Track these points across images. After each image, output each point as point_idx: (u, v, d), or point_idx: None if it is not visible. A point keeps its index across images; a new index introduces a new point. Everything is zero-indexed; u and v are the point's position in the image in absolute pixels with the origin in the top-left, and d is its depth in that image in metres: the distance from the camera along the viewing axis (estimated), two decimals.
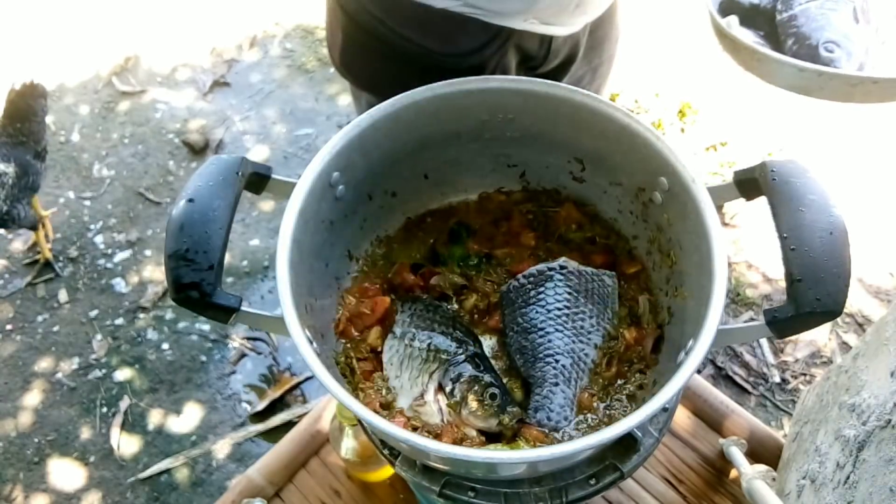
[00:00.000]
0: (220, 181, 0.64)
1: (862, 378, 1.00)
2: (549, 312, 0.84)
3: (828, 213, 0.66)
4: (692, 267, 0.78)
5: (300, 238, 0.74)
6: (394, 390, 0.80)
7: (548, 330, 0.83)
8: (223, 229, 0.61)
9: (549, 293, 0.85)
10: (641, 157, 0.81)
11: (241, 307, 0.66)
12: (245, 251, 2.39)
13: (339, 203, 0.83)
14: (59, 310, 2.31)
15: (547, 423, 0.80)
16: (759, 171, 0.71)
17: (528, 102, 0.84)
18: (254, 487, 1.21)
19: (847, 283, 0.63)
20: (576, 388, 0.82)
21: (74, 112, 2.86)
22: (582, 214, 0.96)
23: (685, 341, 0.73)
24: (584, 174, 0.93)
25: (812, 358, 2.07)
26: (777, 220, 0.66)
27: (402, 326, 0.84)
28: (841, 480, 0.93)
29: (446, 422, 0.77)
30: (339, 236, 0.87)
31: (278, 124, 2.79)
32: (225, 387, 2.13)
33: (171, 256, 0.60)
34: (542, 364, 0.82)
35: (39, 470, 2.01)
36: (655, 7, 2.97)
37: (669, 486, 1.21)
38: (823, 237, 0.64)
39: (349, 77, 1.16)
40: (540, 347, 0.83)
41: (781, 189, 0.68)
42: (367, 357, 0.84)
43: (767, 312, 0.65)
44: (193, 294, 0.61)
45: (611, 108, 0.81)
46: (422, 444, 0.61)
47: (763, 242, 2.31)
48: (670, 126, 2.60)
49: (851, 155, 2.53)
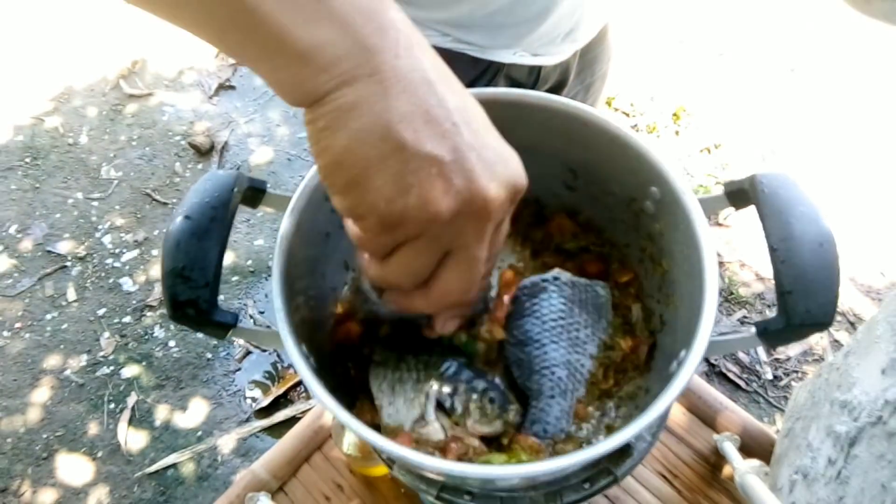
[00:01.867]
0: (215, 197, 0.64)
1: (853, 375, 1.01)
2: (544, 324, 0.84)
3: (817, 224, 0.66)
4: (683, 276, 0.78)
5: (296, 251, 0.74)
6: (388, 418, 0.79)
7: (543, 342, 0.83)
8: (219, 246, 0.61)
9: (544, 304, 0.85)
10: (633, 167, 0.81)
11: (237, 324, 0.66)
12: (250, 251, 2.42)
13: (335, 214, 0.83)
14: (67, 308, 2.35)
15: (544, 436, 0.80)
16: (749, 183, 0.72)
17: (520, 114, 0.84)
18: (258, 482, 1.22)
19: (836, 295, 0.63)
20: (572, 399, 0.82)
21: (82, 114, 2.88)
22: (574, 224, 0.96)
23: (677, 349, 0.73)
24: (576, 184, 0.93)
25: (804, 355, 2.08)
26: (767, 231, 0.66)
27: (382, 354, 0.83)
28: (833, 476, 0.94)
29: (449, 436, 0.77)
30: (335, 247, 0.87)
31: (282, 126, 2.80)
32: (230, 383, 2.16)
33: (168, 274, 0.60)
34: (538, 377, 0.82)
35: (48, 465, 2.04)
36: (649, 11, 2.97)
37: (665, 480, 1.22)
38: (813, 249, 0.64)
39: None
40: (536, 360, 0.83)
41: (771, 201, 0.68)
42: (364, 370, 0.83)
43: (759, 325, 0.66)
44: (190, 311, 0.61)
45: (603, 119, 0.81)
46: (419, 461, 0.61)
47: (755, 242, 2.32)
48: (665, 129, 2.60)
49: (843, 155, 2.54)
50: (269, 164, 2.66)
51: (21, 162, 2.74)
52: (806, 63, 2.85)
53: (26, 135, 2.83)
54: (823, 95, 2.74)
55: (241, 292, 2.34)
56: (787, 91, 2.78)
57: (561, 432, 0.81)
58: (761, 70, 2.85)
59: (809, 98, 2.74)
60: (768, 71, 2.85)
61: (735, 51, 2.91)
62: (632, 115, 2.65)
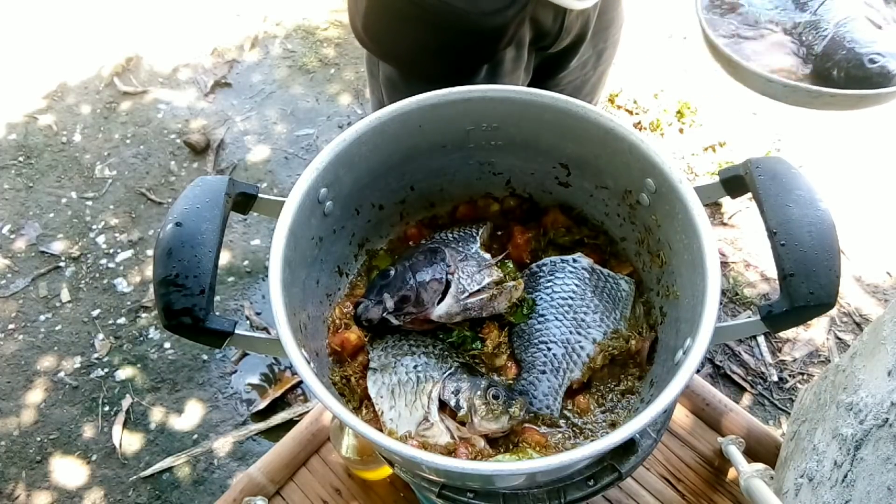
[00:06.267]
0: (206, 203, 0.62)
1: (859, 377, 1.00)
2: (552, 300, 0.86)
3: (815, 206, 0.67)
4: (684, 266, 0.78)
5: (291, 256, 0.74)
6: (391, 423, 0.79)
7: (547, 317, 0.85)
8: (213, 252, 0.60)
9: (558, 282, 0.88)
10: (627, 159, 0.82)
11: (235, 331, 0.65)
12: (246, 251, 2.40)
13: (327, 219, 0.83)
14: (61, 309, 2.32)
15: (529, 409, 0.81)
16: (745, 168, 0.72)
17: (511, 110, 0.85)
18: (255, 486, 1.21)
19: (838, 275, 0.64)
20: (564, 378, 0.83)
21: (76, 112, 2.86)
22: (568, 218, 0.97)
23: (680, 341, 0.73)
24: (569, 179, 0.93)
25: (810, 357, 2.07)
26: (765, 216, 0.67)
27: (379, 360, 0.84)
28: (838, 479, 0.94)
29: (458, 439, 0.77)
30: (329, 252, 0.87)
31: (279, 124, 2.78)
32: (226, 386, 2.14)
33: (161, 282, 0.59)
34: (534, 350, 0.84)
35: (42, 468, 2.02)
36: (652, 8, 2.96)
37: (668, 484, 1.22)
38: (812, 231, 0.65)
39: (371, 44, 1.15)
40: (536, 333, 0.85)
41: (768, 185, 0.69)
42: (363, 375, 0.84)
43: (763, 308, 0.67)
44: (186, 320, 0.60)
45: (594, 113, 0.81)
46: (420, 458, 0.61)
47: (760, 242, 2.31)
48: (669, 126, 2.59)
49: (849, 155, 2.53)
50: (265, 163, 2.64)
51: (14, 161, 2.72)
52: None
53: (19, 133, 2.81)
54: None
55: (237, 293, 2.32)
56: None
57: (547, 410, 0.81)
58: None
59: None
60: None
61: None
62: (635, 113, 2.64)
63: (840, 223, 0.81)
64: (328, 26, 3.11)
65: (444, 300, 0.80)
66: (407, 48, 1.11)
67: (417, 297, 0.79)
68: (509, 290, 0.84)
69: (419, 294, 0.79)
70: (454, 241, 0.91)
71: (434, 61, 1.10)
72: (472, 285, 0.81)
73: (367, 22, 1.12)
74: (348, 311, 0.88)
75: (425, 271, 0.81)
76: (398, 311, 0.79)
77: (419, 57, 1.11)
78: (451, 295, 0.80)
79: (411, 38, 1.09)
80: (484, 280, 0.82)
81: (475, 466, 0.64)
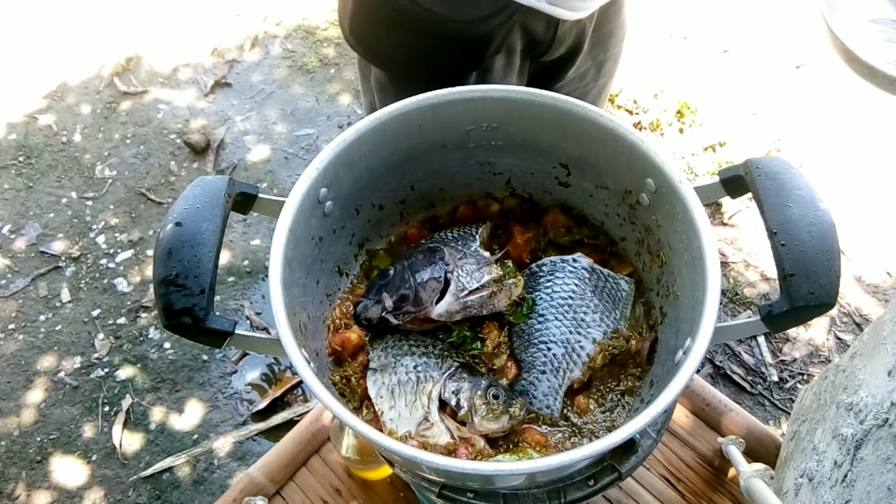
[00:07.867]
0: (206, 203, 0.62)
1: (859, 377, 1.00)
2: (552, 300, 0.86)
3: (815, 206, 0.67)
4: (683, 266, 0.78)
5: (291, 256, 0.74)
6: (391, 423, 0.79)
7: (547, 317, 0.85)
8: (213, 252, 0.60)
9: (558, 282, 0.88)
10: (627, 159, 0.82)
11: (235, 331, 0.65)
12: (246, 251, 2.40)
13: (327, 219, 0.83)
14: (61, 309, 2.32)
15: (529, 409, 0.81)
16: (745, 168, 0.72)
17: (511, 110, 0.85)
18: (255, 486, 1.21)
19: (838, 275, 0.64)
20: (564, 378, 0.83)
21: (76, 112, 2.86)
22: (568, 218, 0.97)
23: (681, 341, 0.73)
24: (569, 179, 0.93)
25: (810, 357, 2.07)
26: (765, 216, 0.67)
27: (379, 361, 0.84)
28: (838, 479, 0.94)
29: (458, 439, 0.77)
30: (329, 252, 0.87)
31: (279, 124, 2.78)
32: (226, 385, 2.14)
33: (161, 282, 0.59)
34: (534, 349, 0.84)
35: (42, 468, 2.02)
36: (653, 8, 2.96)
37: (668, 484, 1.22)
38: (812, 231, 0.65)
39: (358, 48, 1.15)
40: (536, 333, 0.85)
41: (768, 185, 0.69)
42: (363, 375, 0.84)
43: (763, 308, 0.67)
44: (186, 320, 0.60)
45: (594, 113, 0.81)
46: (420, 458, 0.61)
47: (761, 242, 2.31)
48: (669, 127, 2.59)
49: (849, 155, 2.53)
50: (265, 163, 2.64)
51: (14, 161, 2.72)
52: (812, 60, 2.83)
53: (19, 133, 2.81)
54: (830, 93, 2.72)
55: (237, 293, 2.32)
56: (793, 88, 2.77)
57: (548, 410, 0.82)
58: (766, 67, 2.83)
59: (815, 95, 2.73)
60: (773, 68, 2.83)
61: (740, 47, 2.90)
62: (635, 113, 2.64)
63: (840, 223, 0.81)
64: (328, 26, 3.11)
65: (443, 298, 0.80)
66: (394, 53, 1.10)
67: (416, 297, 0.79)
68: (509, 287, 0.83)
69: (418, 293, 0.79)
70: (454, 240, 0.91)
71: (421, 66, 1.10)
72: (472, 283, 0.81)
73: (354, 25, 1.11)
74: (348, 311, 0.88)
75: (424, 270, 0.81)
76: (397, 310, 0.79)
77: (406, 62, 1.10)
78: (451, 293, 0.80)
79: (397, 42, 1.08)
80: (483, 277, 0.82)
81: (475, 466, 0.64)
